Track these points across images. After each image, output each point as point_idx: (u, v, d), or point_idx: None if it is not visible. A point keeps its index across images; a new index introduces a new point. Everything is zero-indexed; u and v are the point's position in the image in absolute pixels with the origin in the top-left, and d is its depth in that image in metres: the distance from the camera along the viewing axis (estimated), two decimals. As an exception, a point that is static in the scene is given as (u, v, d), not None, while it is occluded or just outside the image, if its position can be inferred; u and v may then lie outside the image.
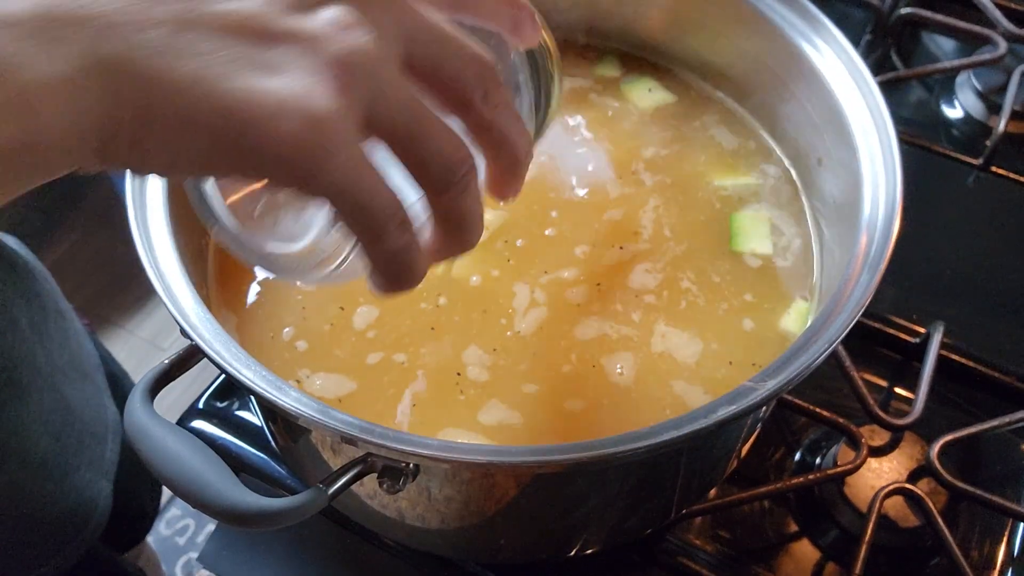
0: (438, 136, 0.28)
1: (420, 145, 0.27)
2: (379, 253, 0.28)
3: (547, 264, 0.56)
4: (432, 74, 0.28)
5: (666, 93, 0.66)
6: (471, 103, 0.29)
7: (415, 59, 0.28)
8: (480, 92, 0.29)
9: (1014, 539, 0.59)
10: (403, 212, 0.28)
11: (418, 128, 0.27)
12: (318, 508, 0.39)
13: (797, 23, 0.57)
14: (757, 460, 0.61)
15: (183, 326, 0.42)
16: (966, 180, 0.78)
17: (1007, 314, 0.69)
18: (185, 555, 1.39)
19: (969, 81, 0.83)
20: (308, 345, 0.52)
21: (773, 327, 0.54)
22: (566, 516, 0.50)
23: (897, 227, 0.46)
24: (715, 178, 0.61)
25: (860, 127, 0.52)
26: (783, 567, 0.57)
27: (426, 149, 0.27)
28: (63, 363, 0.68)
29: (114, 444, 0.72)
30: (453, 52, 0.28)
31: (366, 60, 0.26)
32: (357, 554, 0.59)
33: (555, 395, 0.50)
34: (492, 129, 0.30)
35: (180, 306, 0.43)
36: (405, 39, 0.27)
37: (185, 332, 0.42)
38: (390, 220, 0.27)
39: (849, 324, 0.42)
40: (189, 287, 0.44)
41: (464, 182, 0.29)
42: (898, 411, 0.61)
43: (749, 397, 0.40)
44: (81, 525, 0.68)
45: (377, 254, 0.28)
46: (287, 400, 0.40)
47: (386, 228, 0.27)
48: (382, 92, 0.26)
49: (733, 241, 0.58)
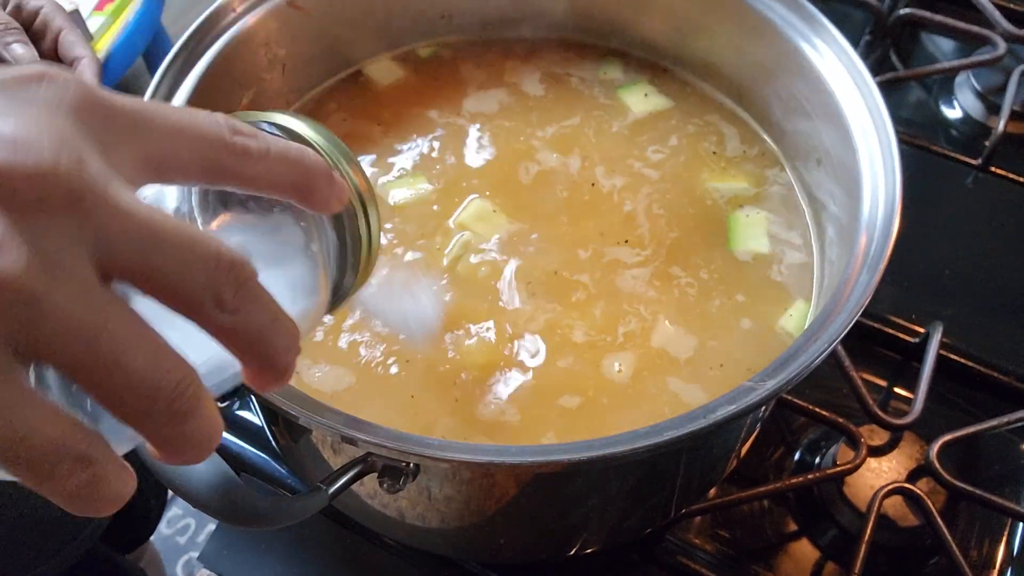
0: (131, 363, 0.22)
1: (101, 377, 0.22)
2: (50, 492, 0.23)
3: (544, 262, 0.56)
4: (144, 282, 0.23)
5: (663, 99, 0.66)
6: (199, 309, 0.24)
7: (115, 267, 0.23)
8: (211, 296, 0.24)
9: (1013, 539, 0.59)
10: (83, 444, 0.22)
11: (97, 355, 0.22)
12: (318, 508, 0.39)
13: (796, 23, 0.57)
14: (757, 460, 0.61)
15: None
16: (965, 180, 0.78)
17: (1006, 314, 0.69)
18: (186, 554, 1.39)
19: (968, 81, 0.83)
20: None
21: (772, 327, 0.54)
22: (566, 515, 0.50)
23: (896, 227, 0.46)
24: (713, 180, 0.61)
25: (859, 127, 0.52)
26: (782, 566, 0.57)
27: (109, 380, 0.22)
28: None
29: None
30: (168, 254, 0.23)
31: (15, 288, 0.20)
32: (357, 553, 0.60)
33: (552, 392, 0.51)
34: (232, 333, 0.25)
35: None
36: (95, 248, 0.22)
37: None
38: (60, 462, 0.22)
39: (848, 324, 0.42)
40: (190, 287, 0.44)
41: (174, 410, 0.23)
42: (897, 411, 0.61)
43: (748, 397, 0.40)
44: (82, 525, 0.68)
45: (48, 493, 0.23)
46: (287, 400, 0.40)
47: (54, 471, 0.22)
48: (40, 323, 0.21)
49: (731, 241, 0.58)
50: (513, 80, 0.67)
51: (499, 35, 0.70)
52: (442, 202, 0.59)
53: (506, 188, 0.60)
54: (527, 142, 0.63)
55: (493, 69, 0.68)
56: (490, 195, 0.60)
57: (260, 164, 0.27)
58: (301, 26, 0.62)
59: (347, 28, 0.65)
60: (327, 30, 0.64)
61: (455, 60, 0.69)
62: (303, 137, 0.34)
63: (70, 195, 0.22)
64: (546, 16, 0.69)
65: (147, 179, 0.26)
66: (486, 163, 0.62)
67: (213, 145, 0.26)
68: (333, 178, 0.30)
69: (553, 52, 0.69)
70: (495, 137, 0.63)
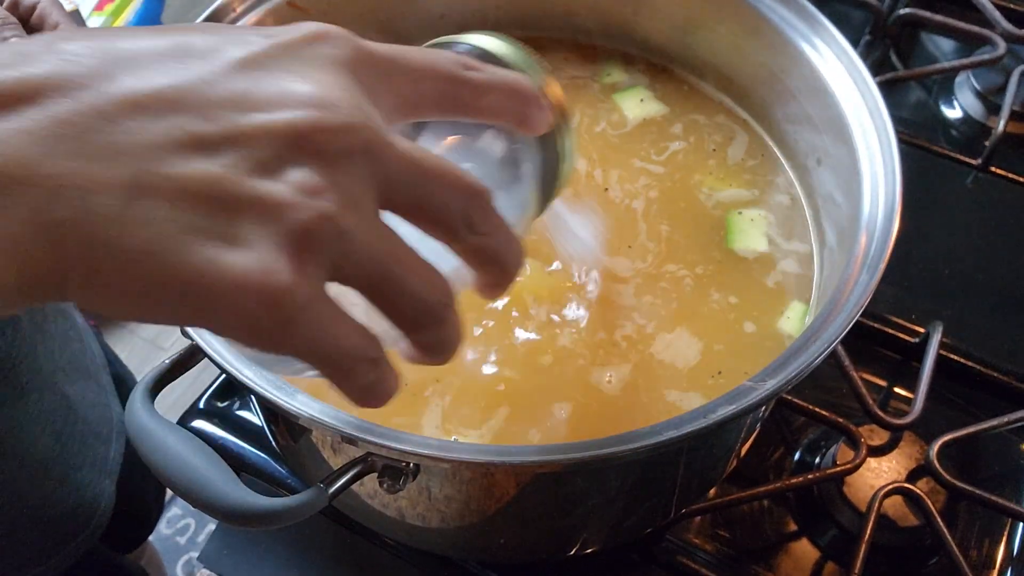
0: (411, 282, 0.27)
1: (390, 293, 0.27)
2: (348, 388, 0.28)
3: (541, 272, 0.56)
4: (413, 212, 0.28)
5: (658, 104, 0.66)
6: (456, 233, 0.28)
7: (393, 201, 0.27)
8: (464, 222, 0.28)
9: (1013, 538, 0.59)
10: (373, 349, 0.27)
11: (388, 277, 0.26)
12: (318, 507, 0.39)
13: (796, 23, 0.57)
14: (757, 460, 0.61)
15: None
16: (965, 180, 0.78)
17: (1006, 314, 0.69)
18: (186, 554, 1.39)
19: (968, 81, 0.83)
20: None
21: (771, 328, 0.54)
22: (566, 515, 0.50)
23: (896, 227, 0.46)
24: (711, 182, 0.61)
25: (859, 127, 0.52)
26: (782, 566, 0.57)
27: (397, 296, 0.27)
28: (64, 362, 0.68)
29: (119, 444, 0.72)
30: (432, 187, 0.27)
31: (332, 225, 0.25)
32: (357, 553, 0.60)
33: (547, 399, 0.51)
34: (479, 251, 0.29)
35: (181, 306, 0.43)
36: (380, 186, 0.26)
37: (186, 332, 0.42)
38: (358, 363, 0.27)
39: (848, 324, 0.42)
40: (190, 287, 0.44)
41: (439, 319, 0.28)
42: (897, 411, 0.61)
43: (748, 397, 0.40)
44: (82, 525, 0.68)
45: (347, 389, 0.28)
46: (288, 400, 0.40)
47: (354, 370, 0.27)
48: (350, 251, 0.25)
49: (729, 239, 0.58)
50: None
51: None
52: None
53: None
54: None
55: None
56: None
57: (489, 95, 0.31)
58: (301, 26, 0.62)
59: (346, 27, 0.65)
60: (327, 30, 0.64)
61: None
62: (504, 60, 0.35)
63: (364, 144, 0.26)
64: (546, 16, 0.69)
65: (402, 118, 0.29)
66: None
67: (451, 81, 0.30)
68: (543, 101, 0.33)
69: (553, 53, 0.69)
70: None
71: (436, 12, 0.68)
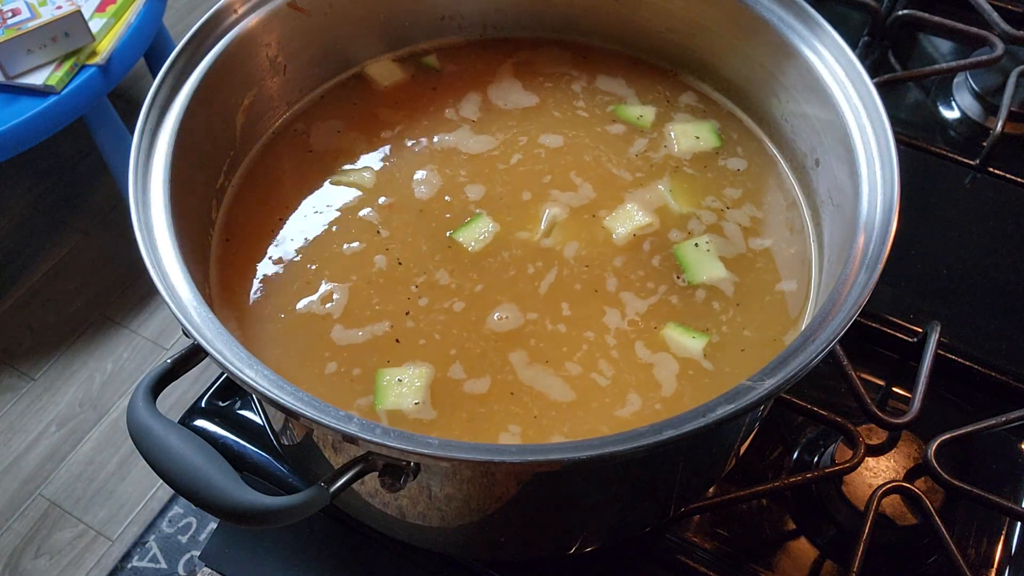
0: None
1: None
2: None
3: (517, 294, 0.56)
4: None
5: (649, 108, 0.66)
6: None
7: None
8: None
9: (1011, 537, 0.59)
10: None
11: None
12: (319, 506, 0.39)
13: (795, 25, 0.57)
14: (756, 459, 0.61)
15: (185, 326, 0.42)
16: (963, 181, 0.78)
17: (1004, 313, 0.69)
18: (187, 553, 1.39)
19: (966, 82, 0.83)
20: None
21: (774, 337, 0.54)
22: (566, 514, 0.50)
23: (894, 227, 0.46)
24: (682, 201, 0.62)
25: (858, 128, 0.52)
26: (781, 565, 0.57)
27: None
28: None
29: None
30: None
31: None
32: (358, 552, 0.60)
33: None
34: None
35: (182, 306, 0.43)
36: None
37: (187, 332, 0.42)
38: None
39: (847, 324, 0.42)
40: (191, 287, 0.44)
41: None
42: (895, 410, 0.61)
43: (747, 396, 0.40)
44: None
45: None
46: (289, 399, 0.40)
47: None
48: None
49: (687, 275, 0.56)
50: (513, 81, 0.68)
51: (499, 36, 0.70)
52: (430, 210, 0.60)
53: (499, 194, 0.61)
54: (531, 150, 0.63)
55: (493, 70, 0.68)
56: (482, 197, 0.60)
57: None
58: (302, 27, 0.62)
59: (347, 29, 0.65)
60: (328, 31, 0.64)
61: (455, 61, 0.69)
62: None
63: None
64: (545, 18, 0.69)
65: None
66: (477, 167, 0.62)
67: None
68: None
69: (553, 53, 0.70)
70: (491, 140, 0.64)
71: (437, 14, 0.68)
